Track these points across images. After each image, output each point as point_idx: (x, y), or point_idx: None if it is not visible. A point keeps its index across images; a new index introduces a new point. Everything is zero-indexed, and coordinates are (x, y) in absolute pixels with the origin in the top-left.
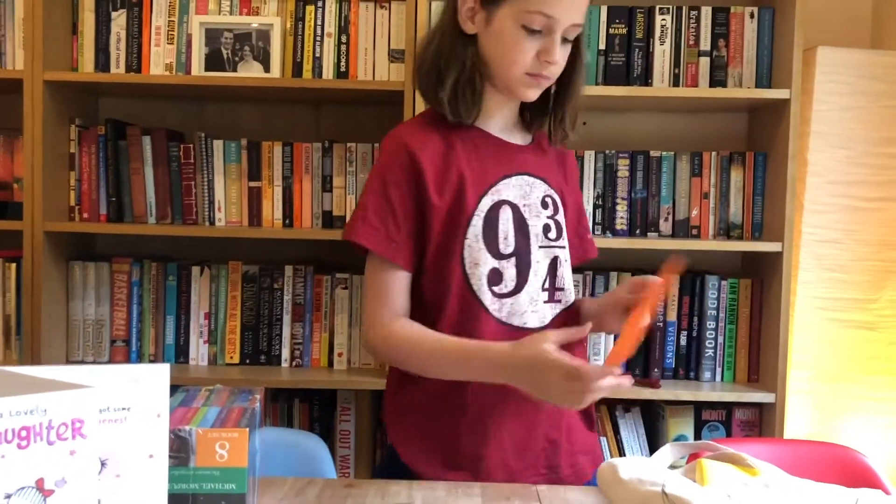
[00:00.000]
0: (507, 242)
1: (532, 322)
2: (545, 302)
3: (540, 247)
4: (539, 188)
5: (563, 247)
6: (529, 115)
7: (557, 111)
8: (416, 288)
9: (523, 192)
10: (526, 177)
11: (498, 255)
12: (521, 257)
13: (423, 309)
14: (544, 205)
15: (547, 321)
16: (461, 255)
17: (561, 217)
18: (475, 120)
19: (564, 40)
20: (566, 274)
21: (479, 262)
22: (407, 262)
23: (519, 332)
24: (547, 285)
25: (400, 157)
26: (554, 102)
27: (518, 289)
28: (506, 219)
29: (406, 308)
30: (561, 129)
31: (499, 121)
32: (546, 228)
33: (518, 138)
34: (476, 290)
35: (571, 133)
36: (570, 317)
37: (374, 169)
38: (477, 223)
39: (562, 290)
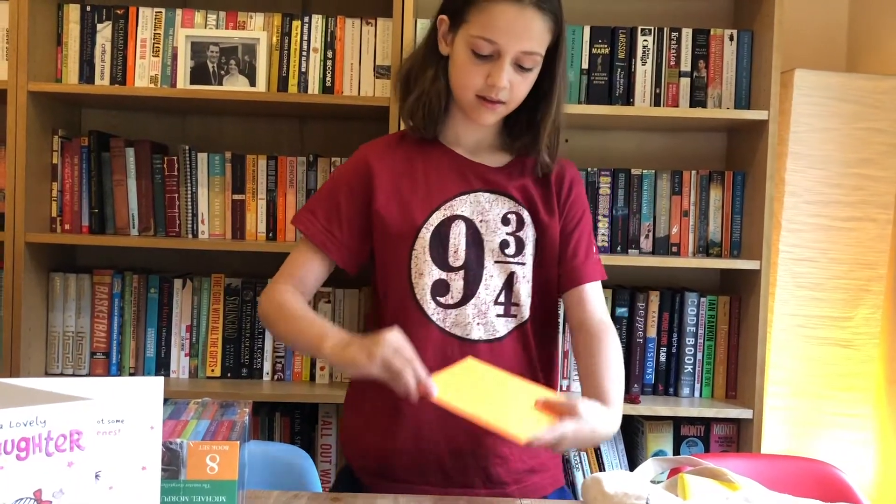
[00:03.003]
0: (458, 256)
1: (478, 334)
2: (498, 316)
3: (495, 262)
4: (501, 205)
5: (523, 263)
6: (510, 140)
7: (530, 138)
8: (374, 288)
9: (482, 208)
10: (487, 194)
11: (446, 268)
12: (471, 271)
13: (378, 310)
14: (505, 221)
15: (500, 335)
16: (408, 265)
17: (526, 234)
18: (441, 138)
19: (521, 68)
20: (524, 290)
21: (423, 272)
22: (337, 256)
23: (463, 343)
24: (501, 300)
25: (357, 164)
26: (527, 131)
27: (464, 301)
28: (458, 233)
29: (308, 288)
30: (539, 156)
31: (468, 142)
32: (504, 244)
33: (490, 160)
34: (419, 299)
35: (548, 159)
36: (525, 334)
37: (334, 171)
38: (425, 235)
39: (517, 305)
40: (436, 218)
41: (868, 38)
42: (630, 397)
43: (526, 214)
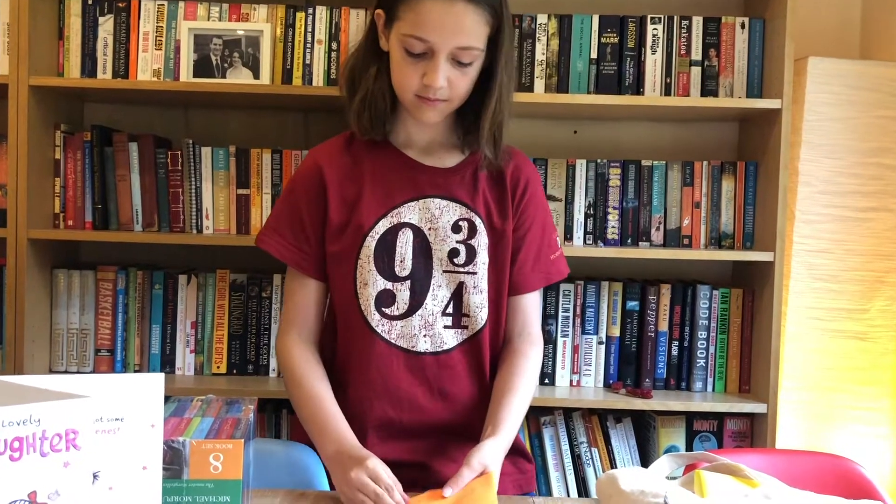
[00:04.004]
0: (404, 265)
1: (424, 346)
2: (447, 327)
3: (444, 271)
4: (452, 212)
5: (474, 273)
6: (461, 137)
7: (476, 137)
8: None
9: (431, 215)
10: (437, 200)
11: (392, 278)
12: (418, 281)
13: (333, 319)
14: (456, 229)
15: (448, 347)
16: (353, 275)
17: (478, 241)
18: (391, 138)
19: (459, 63)
20: (474, 301)
21: (368, 282)
22: (317, 272)
23: (409, 356)
24: (450, 311)
25: (310, 172)
26: (475, 128)
27: (410, 312)
28: (404, 241)
29: (313, 318)
30: (482, 152)
31: (420, 142)
32: (453, 253)
33: (442, 160)
34: (363, 311)
35: (490, 155)
36: (477, 344)
37: (289, 181)
38: (370, 244)
39: (468, 316)
40: (382, 226)
41: (882, 24)
42: (642, 392)
43: (478, 221)
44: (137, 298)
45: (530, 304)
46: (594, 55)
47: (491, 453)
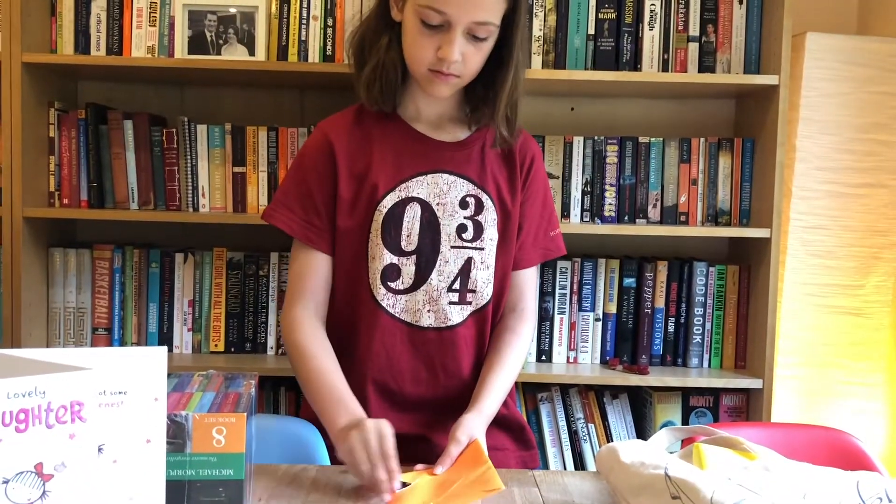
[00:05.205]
0: (411, 240)
1: (427, 321)
2: (452, 303)
3: (452, 247)
4: (459, 187)
5: (481, 248)
6: (469, 112)
7: (489, 110)
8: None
9: (439, 189)
10: (446, 175)
11: (398, 252)
12: (424, 255)
13: (333, 292)
14: (463, 204)
15: (452, 322)
16: (359, 248)
17: (485, 217)
18: (400, 111)
19: (474, 38)
20: (481, 276)
21: (375, 256)
22: (326, 246)
23: (412, 330)
24: (457, 286)
25: (320, 146)
26: (484, 103)
27: (415, 286)
28: (412, 216)
29: (320, 292)
30: (497, 130)
31: (429, 116)
32: (461, 228)
33: (453, 134)
34: (371, 284)
35: (506, 133)
36: (482, 318)
37: (297, 155)
38: (378, 218)
39: (473, 292)
40: (390, 199)
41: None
42: (638, 368)
43: (485, 197)
44: (134, 277)
45: (527, 280)
46: (591, 31)
47: (472, 426)
